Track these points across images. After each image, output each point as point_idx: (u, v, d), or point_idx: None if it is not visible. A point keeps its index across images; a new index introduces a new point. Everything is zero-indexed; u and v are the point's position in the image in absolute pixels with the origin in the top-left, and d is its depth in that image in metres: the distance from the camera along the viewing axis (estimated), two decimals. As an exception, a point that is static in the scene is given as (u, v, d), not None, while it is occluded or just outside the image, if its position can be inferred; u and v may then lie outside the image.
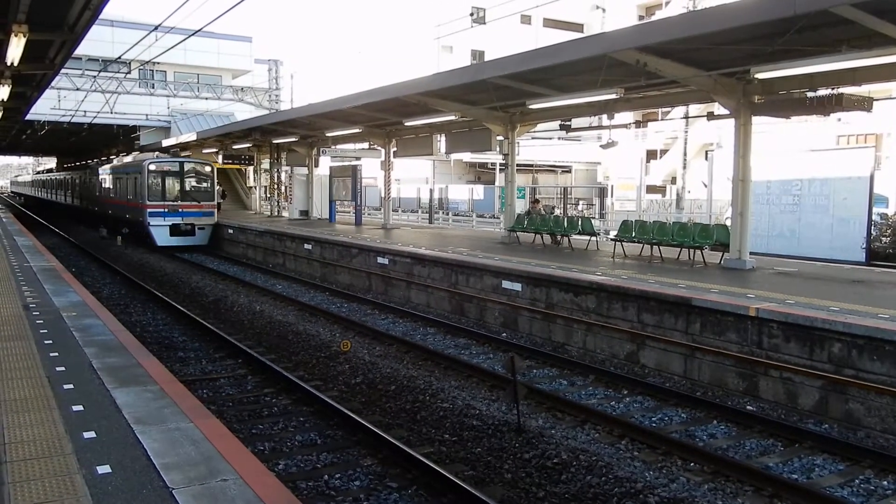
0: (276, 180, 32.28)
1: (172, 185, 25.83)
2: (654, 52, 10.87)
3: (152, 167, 25.46)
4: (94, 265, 21.47)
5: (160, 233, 25.17)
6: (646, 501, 6.09)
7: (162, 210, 25.21)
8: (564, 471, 6.66)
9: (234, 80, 43.42)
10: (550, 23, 50.93)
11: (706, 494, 6.27)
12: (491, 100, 15.15)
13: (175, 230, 25.40)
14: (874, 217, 17.70)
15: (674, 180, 38.87)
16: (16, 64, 12.35)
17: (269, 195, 33.24)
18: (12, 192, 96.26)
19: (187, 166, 26.41)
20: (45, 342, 7.14)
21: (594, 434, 7.73)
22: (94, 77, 30.64)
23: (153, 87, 36.43)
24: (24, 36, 10.47)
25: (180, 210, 25.49)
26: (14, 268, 12.84)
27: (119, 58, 21.81)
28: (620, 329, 10.65)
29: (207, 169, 26.71)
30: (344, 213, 30.23)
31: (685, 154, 34.33)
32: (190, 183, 26.16)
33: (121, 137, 40.26)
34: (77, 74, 30.72)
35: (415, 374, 9.84)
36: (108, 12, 14.08)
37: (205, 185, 26.49)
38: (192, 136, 30.94)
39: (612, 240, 15.95)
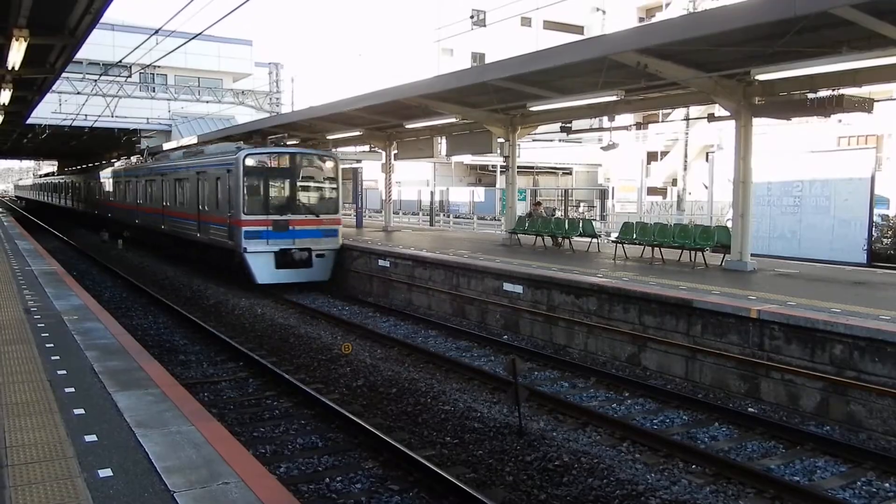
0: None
1: (280, 189, 17.51)
2: (654, 53, 10.88)
3: (250, 161, 16.87)
4: (95, 268, 21.49)
5: (261, 264, 16.51)
6: (647, 504, 6.09)
7: (263, 229, 16.56)
8: (566, 473, 6.66)
9: (235, 84, 43.48)
10: (550, 25, 51.04)
11: (708, 497, 6.26)
12: (492, 102, 15.17)
13: (284, 259, 16.70)
14: (875, 218, 17.70)
15: (675, 182, 38.86)
16: (17, 68, 12.36)
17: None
18: (16, 196, 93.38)
19: (302, 161, 17.92)
20: (47, 346, 7.14)
21: (595, 436, 7.73)
22: (95, 81, 30.69)
23: (154, 91, 36.47)
24: (25, 40, 10.48)
25: (291, 228, 16.93)
26: (15, 271, 12.86)
27: (120, 61, 21.78)
28: (622, 331, 10.65)
29: (330, 165, 18.23)
30: (345, 216, 30.21)
31: (686, 156, 34.36)
32: (306, 186, 17.87)
33: (122, 141, 40.32)
34: (78, 78, 30.76)
35: (416, 377, 9.84)
36: (108, 16, 14.11)
37: (327, 189, 18.13)
38: (192, 139, 30.97)
39: (613, 242, 15.95)
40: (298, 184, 17.54)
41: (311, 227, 17.17)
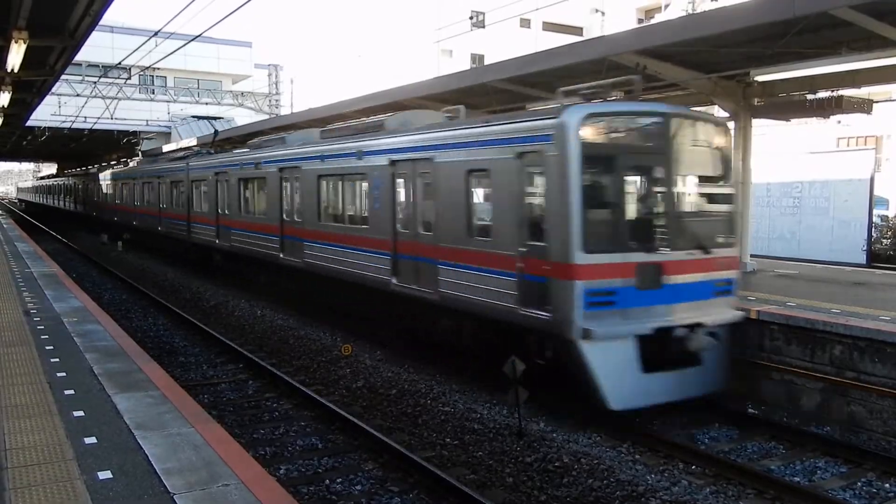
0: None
1: (646, 194, 8.70)
2: (653, 55, 10.87)
3: (593, 133, 7.83)
4: (94, 270, 21.48)
5: (616, 365, 7.44)
6: (648, 505, 6.08)
7: (619, 284, 7.58)
8: (566, 474, 6.65)
9: (235, 85, 43.50)
10: (550, 26, 51.01)
11: (708, 497, 6.26)
12: (491, 103, 15.15)
13: (657, 352, 7.66)
14: (874, 219, 17.70)
15: (674, 183, 38.82)
16: (16, 70, 12.36)
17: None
18: (18, 198, 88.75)
19: (681, 127, 8.46)
20: (46, 348, 7.14)
21: (595, 437, 7.72)
22: (95, 83, 30.72)
23: (153, 93, 36.51)
24: (25, 42, 10.48)
25: (667, 281, 7.86)
26: (15, 273, 12.85)
27: (119, 63, 21.76)
28: (621, 332, 10.58)
29: (723, 141, 8.88)
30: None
31: (685, 157, 34.25)
32: (686, 185, 8.75)
33: (121, 143, 40.35)
34: (77, 80, 30.79)
35: (416, 378, 9.83)
36: (107, 18, 14.14)
37: (718, 191, 9.04)
38: (192, 141, 30.97)
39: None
40: (676, 184, 8.39)
41: (698, 277, 8.21)
